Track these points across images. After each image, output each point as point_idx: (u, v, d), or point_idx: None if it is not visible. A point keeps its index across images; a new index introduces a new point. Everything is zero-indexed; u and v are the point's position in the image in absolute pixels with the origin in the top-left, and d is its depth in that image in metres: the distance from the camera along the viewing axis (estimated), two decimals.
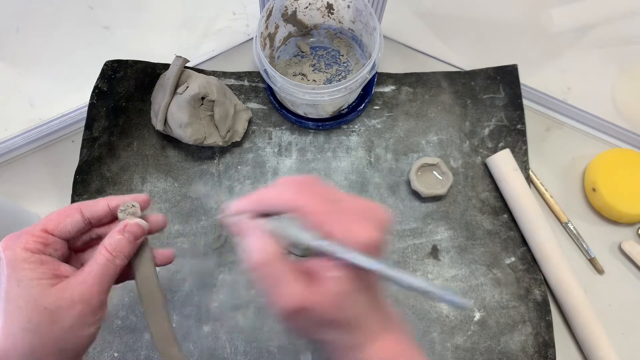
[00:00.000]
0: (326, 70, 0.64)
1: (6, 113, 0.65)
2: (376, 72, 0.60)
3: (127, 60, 0.62)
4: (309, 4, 0.62)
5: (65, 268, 0.34)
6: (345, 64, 0.65)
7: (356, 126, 0.62)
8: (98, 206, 0.36)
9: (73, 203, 0.56)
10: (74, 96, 0.63)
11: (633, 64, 0.69)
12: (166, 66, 0.62)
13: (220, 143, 0.58)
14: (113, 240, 0.34)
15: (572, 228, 0.58)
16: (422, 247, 0.57)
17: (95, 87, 0.60)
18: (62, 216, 0.35)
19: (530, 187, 0.58)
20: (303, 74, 0.64)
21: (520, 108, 0.63)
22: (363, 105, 0.62)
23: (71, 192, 0.57)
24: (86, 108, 0.60)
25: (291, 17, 0.62)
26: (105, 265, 0.33)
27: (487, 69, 0.65)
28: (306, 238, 0.30)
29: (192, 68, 0.64)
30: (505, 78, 0.64)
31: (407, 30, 0.70)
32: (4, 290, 0.31)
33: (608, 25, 0.68)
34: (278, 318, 0.31)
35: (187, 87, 0.55)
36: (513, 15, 0.71)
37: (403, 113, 0.63)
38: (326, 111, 0.60)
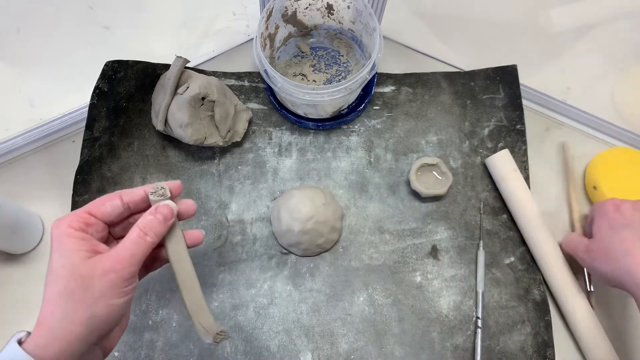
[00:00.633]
0: (326, 70, 0.64)
1: (7, 113, 0.65)
2: (376, 73, 0.61)
3: (128, 60, 0.62)
4: (309, 5, 0.62)
5: (103, 247, 0.37)
6: (345, 65, 0.65)
7: (356, 126, 0.63)
8: (135, 192, 0.40)
9: (78, 205, 0.57)
10: (75, 96, 0.64)
11: (632, 64, 0.70)
12: (167, 66, 0.62)
13: (220, 143, 0.58)
14: (145, 220, 0.38)
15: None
16: (422, 247, 0.57)
17: (95, 87, 0.60)
18: (104, 200, 0.39)
19: (529, 188, 0.58)
20: (303, 75, 0.64)
21: (519, 108, 0.63)
22: (363, 105, 0.62)
23: (72, 192, 0.57)
24: (87, 108, 0.60)
25: (291, 18, 0.62)
26: (136, 240, 0.37)
27: (487, 70, 0.65)
28: None
29: (193, 68, 0.64)
30: (504, 78, 0.64)
31: (407, 30, 0.71)
32: (50, 261, 0.35)
33: (608, 25, 0.69)
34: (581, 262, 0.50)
35: (188, 88, 0.55)
36: (513, 15, 0.71)
37: (403, 113, 0.63)
38: (326, 111, 0.60)
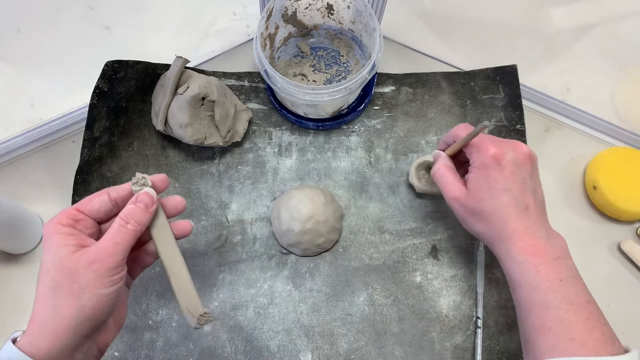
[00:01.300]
0: (326, 70, 0.64)
1: (7, 113, 0.65)
2: (376, 73, 0.61)
3: (128, 60, 0.62)
4: (309, 5, 0.62)
5: (91, 241, 0.38)
6: (345, 65, 0.65)
7: (356, 126, 0.63)
8: (122, 187, 0.41)
9: (73, 202, 0.57)
10: (75, 96, 0.64)
11: (632, 64, 0.70)
12: (167, 66, 0.62)
13: (220, 143, 0.58)
14: (126, 209, 0.39)
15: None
16: (422, 247, 0.57)
17: (95, 88, 0.60)
18: (92, 196, 0.40)
19: None
20: (303, 75, 0.64)
21: (519, 108, 0.63)
22: (363, 105, 0.62)
23: (72, 192, 0.57)
24: (87, 108, 0.60)
25: (291, 18, 0.62)
26: (117, 229, 0.37)
27: (487, 70, 0.65)
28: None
29: (193, 68, 0.64)
30: (504, 78, 0.64)
31: (407, 30, 0.71)
32: (42, 259, 0.36)
33: (607, 25, 0.69)
34: (449, 205, 0.47)
35: (188, 88, 0.55)
36: (512, 15, 0.71)
37: (403, 113, 0.63)
38: (326, 111, 0.60)
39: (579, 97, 0.66)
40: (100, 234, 0.40)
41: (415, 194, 0.59)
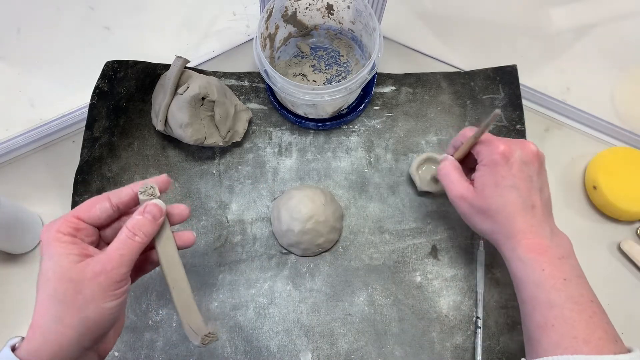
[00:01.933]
0: (326, 70, 0.64)
1: (7, 113, 0.65)
2: (376, 73, 0.61)
3: (128, 60, 0.62)
4: (309, 5, 0.62)
5: (93, 250, 0.37)
6: (345, 65, 0.65)
7: (356, 126, 0.63)
8: (123, 192, 0.39)
9: (73, 202, 0.57)
10: (75, 96, 0.64)
11: (632, 64, 0.70)
12: (167, 66, 0.62)
13: (220, 143, 0.58)
14: (134, 220, 0.37)
15: None
16: (422, 247, 0.57)
17: (95, 88, 0.60)
18: (92, 203, 0.38)
19: None
20: (303, 75, 0.64)
21: (519, 108, 0.63)
22: (363, 105, 0.62)
23: (72, 192, 0.57)
24: (87, 108, 0.60)
25: (291, 18, 0.62)
26: (125, 241, 0.36)
27: (487, 70, 0.65)
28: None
29: (193, 68, 0.64)
30: (504, 78, 0.64)
31: (407, 30, 0.71)
32: (40, 265, 0.35)
33: (607, 25, 0.69)
34: (453, 203, 0.47)
35: (188, 88, 0.55)
36: (512, 15, 0.71)
37: (403, 113, 0.63)
38: (326, 111, 0.60)
39: (579, 97, 0.66)
40: (100, 241, 0.40)
41: (415, 194, 0.59)
